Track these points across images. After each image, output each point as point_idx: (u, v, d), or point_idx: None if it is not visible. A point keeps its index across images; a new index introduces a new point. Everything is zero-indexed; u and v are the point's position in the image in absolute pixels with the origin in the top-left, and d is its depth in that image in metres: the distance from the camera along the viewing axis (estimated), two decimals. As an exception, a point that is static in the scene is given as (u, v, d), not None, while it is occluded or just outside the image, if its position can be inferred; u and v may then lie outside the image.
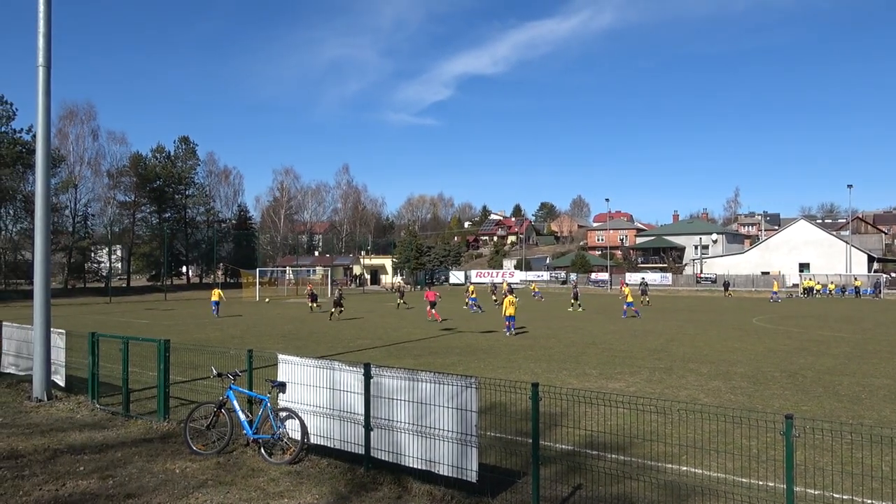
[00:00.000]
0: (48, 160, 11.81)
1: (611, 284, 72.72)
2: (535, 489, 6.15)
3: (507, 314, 23.29)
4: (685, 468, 7.40)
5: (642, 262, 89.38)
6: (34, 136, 55.47)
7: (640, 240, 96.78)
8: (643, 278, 68.64)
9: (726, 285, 59.23)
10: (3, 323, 14.10)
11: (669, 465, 7.48)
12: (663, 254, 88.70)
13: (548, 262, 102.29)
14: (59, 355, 11.86)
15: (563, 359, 16.75)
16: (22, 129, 62.22)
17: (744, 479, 7.01)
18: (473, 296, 37.44)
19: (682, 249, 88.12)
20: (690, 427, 8.83)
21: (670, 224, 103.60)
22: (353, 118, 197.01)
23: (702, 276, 75.52)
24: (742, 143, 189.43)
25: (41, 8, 11.57)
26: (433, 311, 29.07)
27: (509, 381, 7.54)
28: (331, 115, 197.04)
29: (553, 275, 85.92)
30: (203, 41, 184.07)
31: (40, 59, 11.62)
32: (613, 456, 7.82)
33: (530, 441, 6.32)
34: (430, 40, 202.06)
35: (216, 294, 35.20)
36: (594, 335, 22.87)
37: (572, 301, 38.71)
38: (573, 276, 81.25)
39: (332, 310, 31.26)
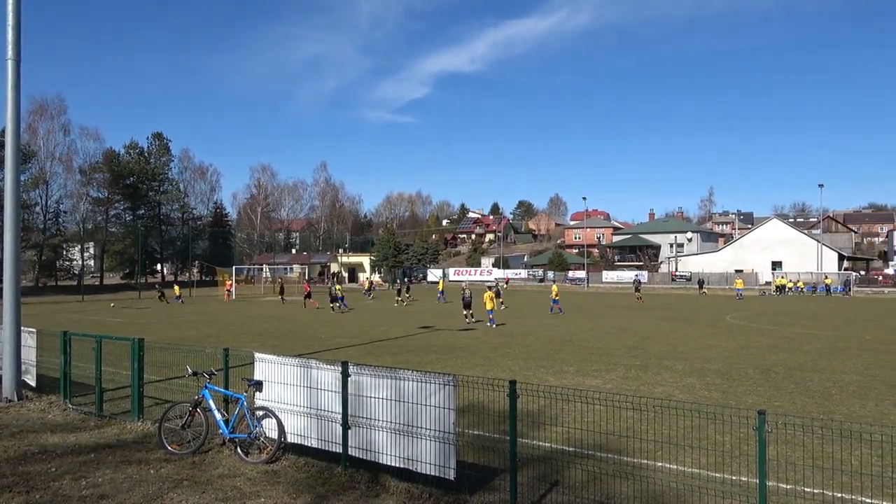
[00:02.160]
0: (17, 155, 11.58)
1: (588, 282, 73.29)
2: (512, 486, 6.18)
3: (487, 308, 26.03)
4: (661, 464, 7.48)
5: (619, 261, 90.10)
6: (3, 130, 54.37)
7: (616, 238, 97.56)
8: (636, 276, 69.32)
9: (700, 283, 59.96)
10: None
11: (645, 461, 7.56)
12: (639, 252, 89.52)
13: (525, 260, 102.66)
14: (29, 355, 11.65)
15: (541, 356, 16.82)
16: (-9, 124, 61.09)
17: (717, 474, 7.11)
18: (441, 289, 45.66)
19: (657, 248, 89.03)
20: (666, 423, 8.92)
21: (646, 223, 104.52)
22: (331, 115, 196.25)
23: (677, 274, 76.38)
24: (716, 142, 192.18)
25: (10, 0, 11.34)
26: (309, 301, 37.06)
27: (487, 378, 7.56)
28: (309, 112, 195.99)
29: (531, 273, 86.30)
30: (178, 35, 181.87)
31: (10, 53, 11.38)
32: (590, 452, 7.89)
33: (508, 439, 6.35)
34: (408, 37, 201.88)
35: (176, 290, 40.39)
36: (571, 333, 22.99)
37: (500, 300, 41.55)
38: (498, 273, 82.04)
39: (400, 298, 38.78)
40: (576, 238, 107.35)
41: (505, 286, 66.08)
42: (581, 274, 77.94)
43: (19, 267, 11.66)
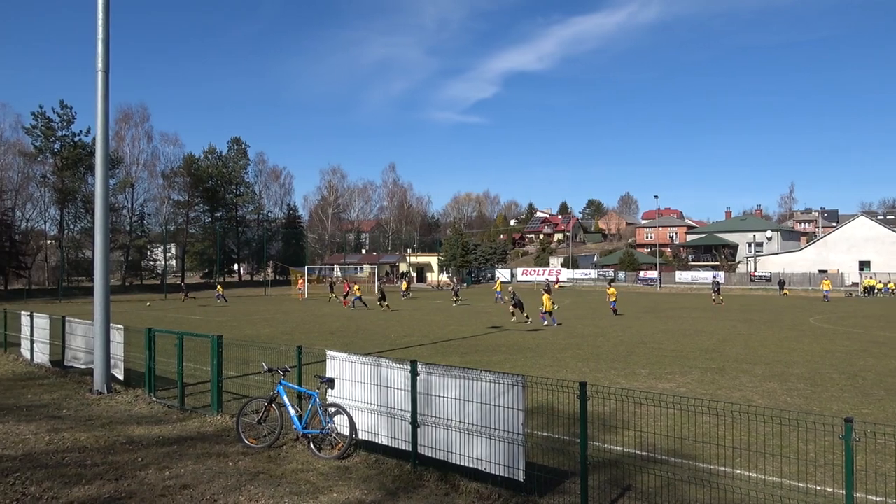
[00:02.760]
0: (107, 161, 12.24)
1: (660, 283, 71.43)
2: (583, 489, 6.09)
3: (545, 310, 26.16)
4: (739, 471, 7.22)
5: (693, 261, 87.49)
6: (93, 138, 57.66)
7: (690, 237, 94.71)
8: (714, 277, 67.33)
9: (781, 284, 57.47)
10: (66, 318, 14.69)
11: (722, 468, 7.31)
12: (715, 251, 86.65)
13: (595, 260, 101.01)
14: (117, 350, 12.29)
15: (612, 358, 16.55)
16: (81, 132, 64.80)
17: (801, 484, 6.80)
18: (498, 289, 46.95)
19: (734, 247, 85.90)
20: (744, 429, 8.61)
21: (722, 221, 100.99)
22: (399, 117, 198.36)
23: (756, 274, 73.49)
24: (797, 137, 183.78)
25: (100, 15, 11.98)
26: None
27: (556, 379, 7.48)
28: (377, 114, 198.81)
29: (601, 273, 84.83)
30: (249, 43, 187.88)
31: (100, 65, 12.03)
32: (664, 458, 7.69)
33: (578, 441, 6.26)
34: (475, 37, 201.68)
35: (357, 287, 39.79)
36: (643, 334, 22.51)
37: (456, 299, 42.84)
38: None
39: (379, 304, 34.95)
40: (647, 237, 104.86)
41: (556, 285, 66.09)
42: (653, 274, 76.04)
43: (108, 267, 12.32)
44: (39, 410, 10.57)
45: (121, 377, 12.32)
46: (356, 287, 40.14)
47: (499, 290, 47.21)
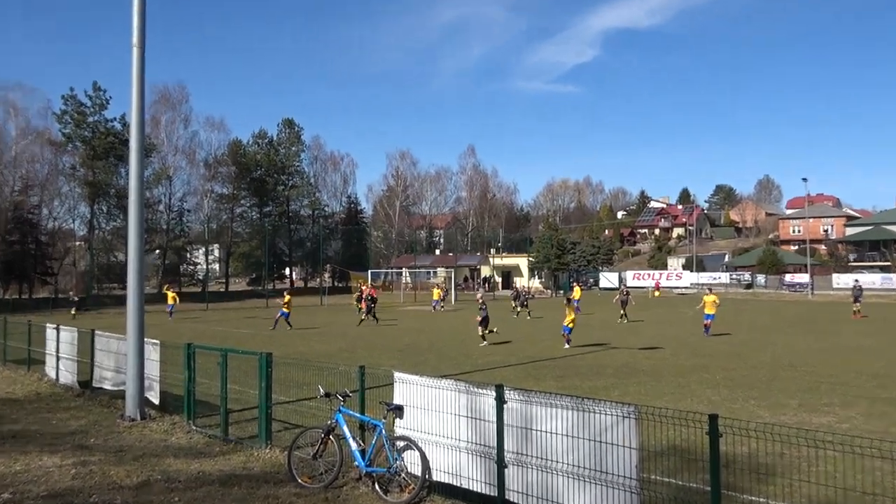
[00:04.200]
0: (142, 146, 12.78)
1: (812, 288, 68.69)
2: (715, 552, 5.87)
3: (707, 313, 27.68)
4: (923, 534, 6.79)
5: (855, 260, 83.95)
6: (127, 125, 60.58)
7: (850, 231, 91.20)
8: (856, 280, 64.33)
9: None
10: (96, 332, 15.44)
11: (900, 529, 6.90)
12: (884, 248, 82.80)
13: (726, 260, 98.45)
14: (152, 369, 12.80)
15: (750, 384, 16.10)
16: (114, 119, 68.33)
17: None
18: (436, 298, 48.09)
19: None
20: (929, 479, 8.09)
21: (893, 209, 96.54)
22: (477, 90, 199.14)
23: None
24: None
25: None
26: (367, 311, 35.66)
27: (679, 410, 7.24)
28: (451, 88, 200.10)
29: (733, 276, 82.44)
30: (300, 11, 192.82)
31: (135, 39, 12.57)
32: (821, 513, 7.34)
33: (708, 489, 6.05)
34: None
35: (286, 300, 33.15)
36: (791, 354, 21.73)
37: (516, 306, 42.72)
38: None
39: (363, 316, 35.23)
40: (794, 231, 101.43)
41: (656, 293, 67.73)
42: (803, 278, 73.30)
43: (143, 272, 12.87)
44: (65, 439, 11.12)
45: (156, 401, 12.81)
46: (437, 291, 40.18)
47: (577, 297, 42.31)
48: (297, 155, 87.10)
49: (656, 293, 70.46)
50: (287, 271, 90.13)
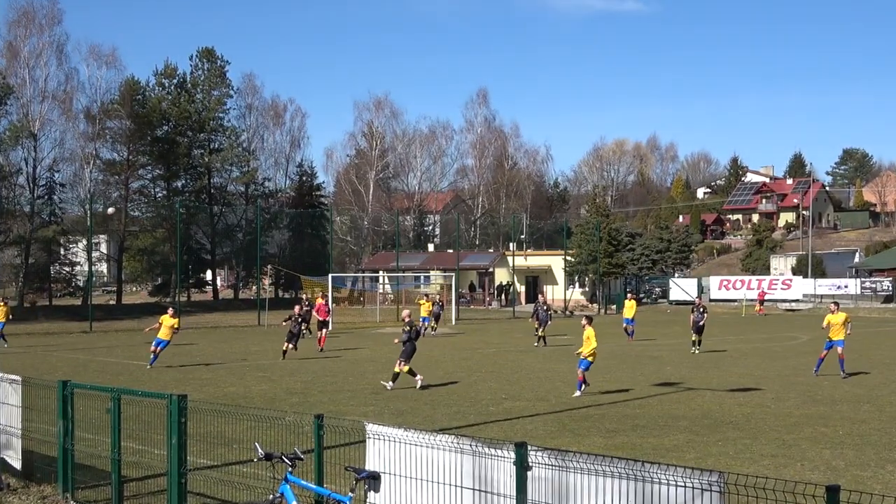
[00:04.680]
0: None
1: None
2: None
3: (833, 338, 26.88)
4: None
5: None
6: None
7: None
8: None
9: None
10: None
11: None
12: None
13: (856, 260, 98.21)
14: (12, 418, 12.68)
15: (888, 442, 16.19)
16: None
17: None
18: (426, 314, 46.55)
19: None
20: None
21: None
22: (491, 8, 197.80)
23: None
24: None
25: None
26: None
27: (783, 480, 7.25)
28: (451, 4, 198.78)
29: (866, 284, 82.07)
30: None
31: None
32: None
33: None
34: None
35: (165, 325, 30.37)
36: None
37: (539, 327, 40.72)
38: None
39: (285, 345, 33.67)
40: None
41: (759, 309, 68.36)
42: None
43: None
44: None
45: (17, 465, 12.70)
46: (425, 303, 40.02)
47: (631, 317, 44.14)
48: (222, 103, 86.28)
49: (759, 309, 70.54)
50: (209, 275, 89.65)
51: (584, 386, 22.97)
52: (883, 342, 41.39)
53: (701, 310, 36.52)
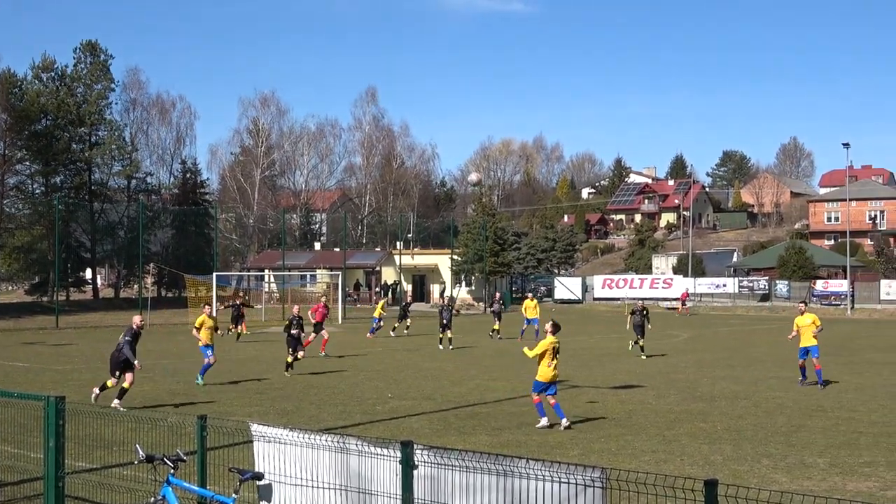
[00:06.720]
0: None
1: (853, 301, 70.91)
2: None
3: (806, 345, 24.34)
4: None
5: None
6: None
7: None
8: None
9: None
10: None
11: None
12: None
13: (735, 259, 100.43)
14: None
15: (764, 437, 16.56)
16: None
17: None
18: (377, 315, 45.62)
19: None
20: None
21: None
22: (382, 7, 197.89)
23: None
24: None
25: None
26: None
27: (663, 475, 7.43)
28: (344, 3, 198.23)
29: (744, 283, 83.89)
30: None
31: None
32: None
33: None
34: None
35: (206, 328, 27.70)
36: (820, 393, 22.60)
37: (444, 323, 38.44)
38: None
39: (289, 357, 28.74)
40: (830, 220, 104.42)
41: (684, 309, 68.02)
42: (841, 285, 75.56)
43: None
44: None
45: None
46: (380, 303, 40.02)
47: (535, 316, 41.88)
48: (104, 96, 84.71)
49: (680, 309, 72.35)
50: (89, 274, 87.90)
51: (544, 412, 17.92)
52: (759, 339, 42.54)
53: (642, 310, 34.69)
